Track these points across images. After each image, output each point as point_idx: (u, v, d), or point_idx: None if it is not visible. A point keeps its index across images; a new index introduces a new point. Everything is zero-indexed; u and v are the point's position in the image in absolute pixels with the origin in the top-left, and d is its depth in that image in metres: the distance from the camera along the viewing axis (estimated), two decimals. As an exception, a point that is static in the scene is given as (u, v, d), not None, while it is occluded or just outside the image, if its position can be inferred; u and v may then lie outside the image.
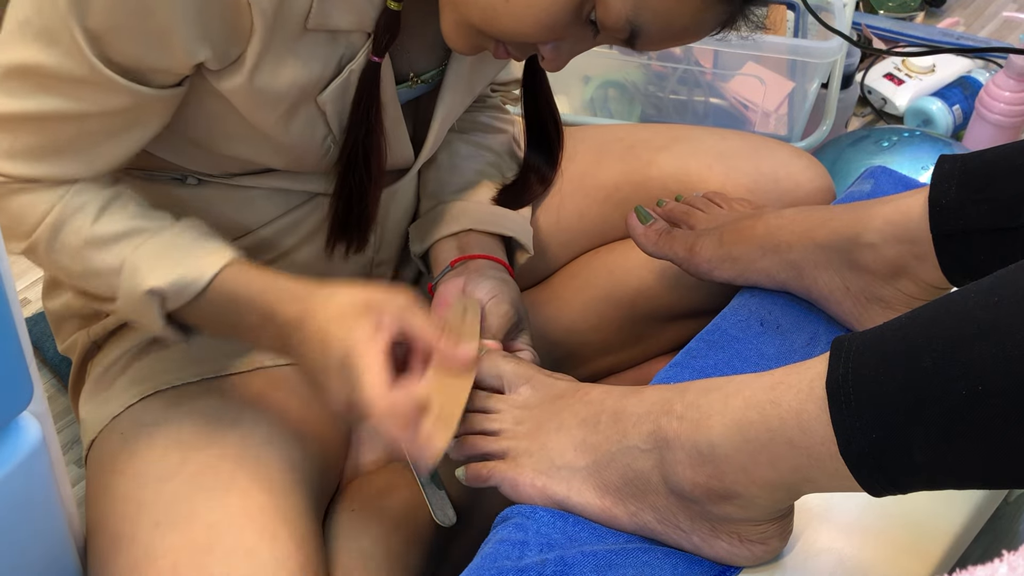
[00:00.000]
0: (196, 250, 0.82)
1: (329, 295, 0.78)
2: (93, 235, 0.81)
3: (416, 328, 0.77)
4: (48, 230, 0.82)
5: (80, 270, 0.83)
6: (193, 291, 0.81)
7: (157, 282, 0.80)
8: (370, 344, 0.74)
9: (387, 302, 0.77)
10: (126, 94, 0.78)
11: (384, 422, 0.72)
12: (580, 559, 0.72)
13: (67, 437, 1.25)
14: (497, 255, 0.97)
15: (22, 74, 0.77)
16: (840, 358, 0.64)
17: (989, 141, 1.52)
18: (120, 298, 0.82)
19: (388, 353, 0.74)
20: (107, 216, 0.82)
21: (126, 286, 0.81)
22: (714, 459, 0.68)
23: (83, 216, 0.82)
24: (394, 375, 0.75)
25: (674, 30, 0.75)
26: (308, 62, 0.82)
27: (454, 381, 0.79)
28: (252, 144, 0.87)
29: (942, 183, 0.81)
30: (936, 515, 0.79)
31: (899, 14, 1.92)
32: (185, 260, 0.81)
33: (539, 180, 1.04)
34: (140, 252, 0.81)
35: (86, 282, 0.84)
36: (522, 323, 0.92)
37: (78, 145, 0.81)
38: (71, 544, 0.83)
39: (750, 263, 0.92)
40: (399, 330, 0.76)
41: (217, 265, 0.81)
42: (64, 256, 0.83)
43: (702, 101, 1.53)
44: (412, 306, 0.78)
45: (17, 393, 0.69)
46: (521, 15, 0.75)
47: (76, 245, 0.82)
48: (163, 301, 0.81)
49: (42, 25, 0.75)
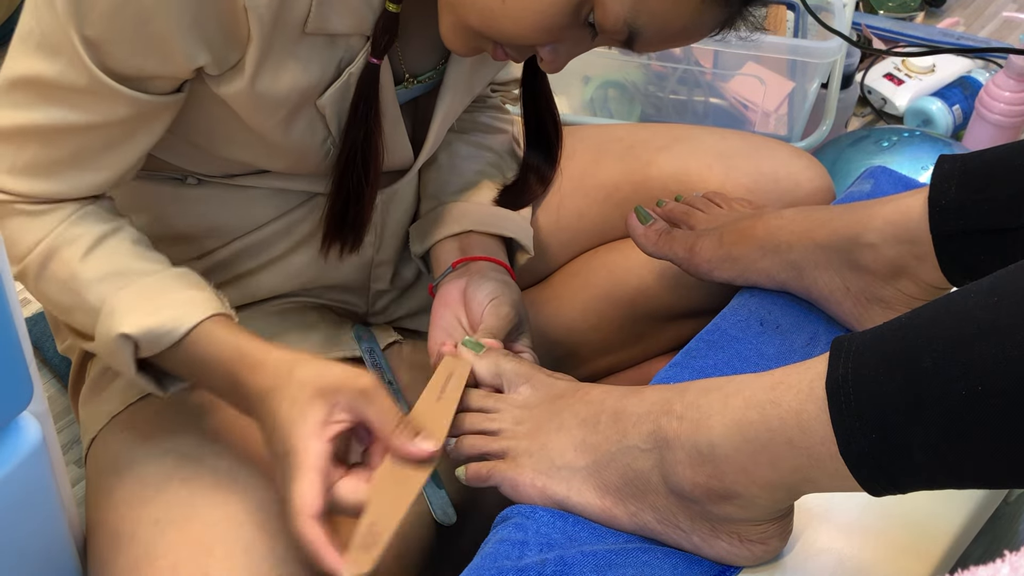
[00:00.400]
0: (179, 299, 0.80)
1: (290, 371, 0.74)
2: (80, 270, 0.80)
3: (371, 418, 0.73)
4: (39, 258, 0.81)
5: (67, 303, 0.81)
6: (167, 342, 0.78)
7: (130, 328, 0.77)
8: (310, 441, 0.71)
9: (344, 388, 0.73)
10: (127, 102, 0.78)
11: (302, 540, 0.70)
12: (580, 559, 0.72)
13: (67, 437, 1.25)
14: (498, 257, 0.96)
15: (25, 86, 0.78)
16: (840, 358, 0.64)
17: (989, 141, 1.52)
18: (96, 338, 0.80)
19: (329, 451, 0.71)
20: (98, 251, 0.81)
21: (101, 328, 0.79)
22: (714, 459, 0.68)
23: (74, 249, 0.80)
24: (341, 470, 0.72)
25: (672, 31, 0.75)
26: (308, 66, 0.82)
27: (404, 481, 0.73)
28: (252, 147, 0.87)
29: (942, 183, 0.81)
30: (936, 515, 0.79)
31: (899, 14, 1.92)
32: (164, 309, 0.79)
33: (539, 180, 1.04)
34: (121, 295, 0.79)
35: (70, 317, 0.82)
36: (523, 325, 0.92)
37: (82, 157, 0.80)
38: (71, 544, 0.83)
39: (750, 263, 0.92)
40: (353, 419, 0.73)
41: (195, 319, 0.78)
42: (52, 287, 0.81)
43: (702, 101, 1.53)
44: (370, 392, 0.74)
45: (17, 393, 0.69)
46: (519, 17, 0.75)
47: (63, 277, 0.80)
48: (136, 348, 0.79)
49: (43, 36, 0.75)
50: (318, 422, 0.72)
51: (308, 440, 0.71)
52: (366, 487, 0.72)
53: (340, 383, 0.73)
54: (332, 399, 0.73)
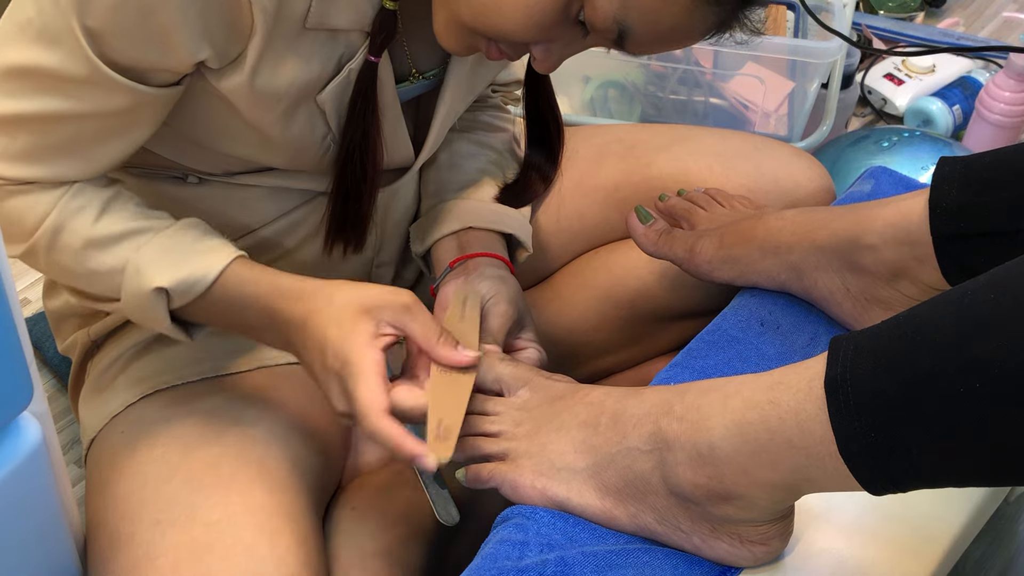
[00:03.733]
0: (199, 248, 0.82)
1: (330, 296, 0.78)
2: (94, 236, 0.81)
3: (415, 331, 0.78)
4: (48, 232, 0.82)
5: (83, 271, 0.83)
6: (198, 290, 0.81)
7: (162, 282, 0.80)
8: (366, 351, 0.75)
9: (387, 304, 0.77)
10: (126, 93, 0.78)
11: (379, 434, 0.73)
12: (580, 559, 0.72)
13: (67, 437, 1.25)
14: (497, 251, 0.96)
15: (22, 75, 0.77)
16: (838, 358, 0.64)
17: (989, 141, 1.53)
18: (124, 298, 0.82)
19: (384, 359, 0.75)
20: (108, 216, 0.82)
21: (130, 286, 0.81)
22: (714, 460, 0.68)
23: (83, 217, 0.82)
24: (392, 380, 0.75)
25: (663, 31, 0.75)
26: (308, 61, 0.82)
27: (455, 383, 0.79)
28: (252, 143, 0.87)
29: (942, 185, 0.81)
30: (936, 515, 0.79)
31: (899, 14, 1.92)
32: (189, 259, 0.81)
33: (540, 178, 1.04)
34: (143, 252, 0.81)
35: (88, 283, 0.84)
36: (524, 320, 0.92)
37: (75, 146, 0.81)
38: (71, 544, 0.83)
39: (750, 264, 0.92)
40: (397, 332, 0.77)
41: (221, 263, 0.81)
42: (65, 257, 0.82)
43: (702, 101, 1.53)
44: (412, 307, 0.78)
45: (17, 393, 0.69)
46: (509, 13, 0.75)
47: (77, 246, 0.82)
48: (168, 300, 0.81)
49: (43, 26, 0.75)
50: (369, 334, 0.76)
51: (364, 349, 0.75)
52: (420, 392, 0.77)
53: (383, 300, 0.77)
54: (376, 315, 0.77)
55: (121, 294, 0.82)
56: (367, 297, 0.78)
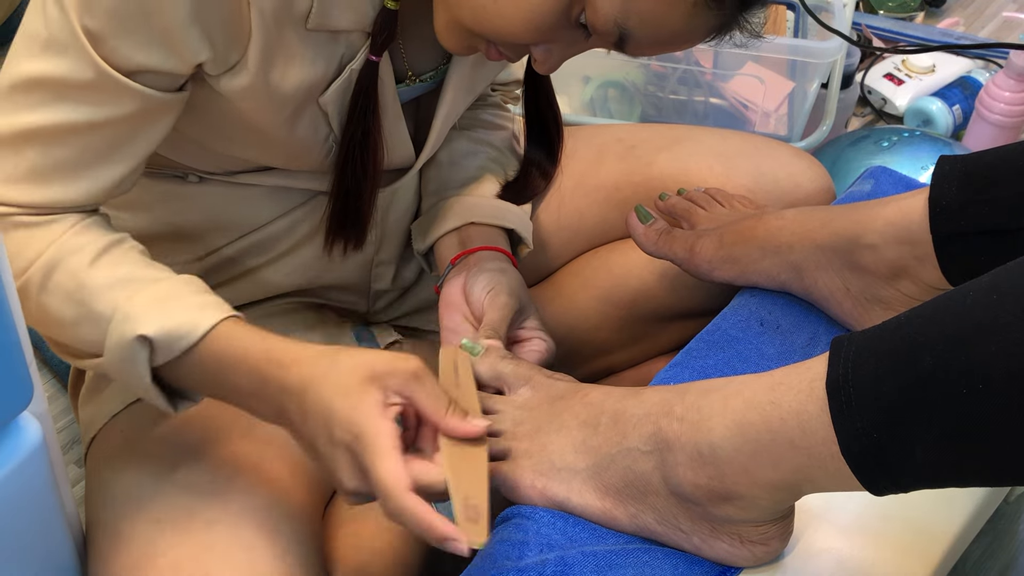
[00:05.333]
0: (193, 302, 0.77)
1: (331, 363, 0.72)
2: (88, 278, 0.77)
3: (423, 402, 0.72)
4: (42, 269, 0.78)
5: (72, 316, 0.78)
6: (184, 344, 0.75)
7: (147, 330, 0.74)
8: (380, 423, 0.69)
9: (395, 371, 0.72)
10: (133, 98, 0.77)
11: (406, 514, 0.68)
12: (580, 559, 0.72)
13: (67, 437, 1.25)
14: (499, 245, 0.96)
15: (29, 87, 0.77)
16: (839, 358, 0.64)
17: (989, 141, 1.53)
18: (107, 349, 0.76)
19: (398, 432, 0.70)
20: (105, 259, 0.79)
21: (114, 334, 0.76)
22: (715, 460, 0.68)
23: (80, 257, 0.78)
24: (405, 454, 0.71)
25: (663, 35, 0.75)
26: (312, 62, 0.82)
27: (471, 457, 0.74)
28: (254, 144, 0.87)
29: (942, 184, 0.81)
30: (936, 515, 0.79)
31: (899, 14, 1.92)
32: (179, 312, 0.76)
33: (541, 174, 1.05)
34: (135, 300, 0.76)
35: (75, 331, 0.79)
36: (526, 310, 0.92)
37: (82, 160, 0.79)
38: (71, 544, 0.83)
39: (750, 264, 0.92)
40: (405, 402, 0.72)
41: (213, 319, 0.76)
42: (56, 299, 0.78)
43: (702, 101, 1.53)
44: (420, 375, 0.73)
45: (17, 393, 0.69)
46: (509, 15, 0.75)
47: (69, 288, 0.78)
48: (152, 352, 0.76)
49: (51, 36, 0.75)
50: (379, 403, 0.70)
51: (378, 421, 0.69)
52: (437, 467, 0.71)
53: (390, 367, 0.72)
54: (384, 382, 0.71)
55: (105, 345, 0.77)
56: (375, 364, 0.72)
